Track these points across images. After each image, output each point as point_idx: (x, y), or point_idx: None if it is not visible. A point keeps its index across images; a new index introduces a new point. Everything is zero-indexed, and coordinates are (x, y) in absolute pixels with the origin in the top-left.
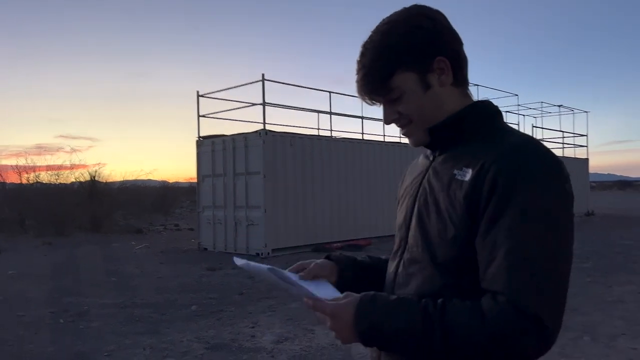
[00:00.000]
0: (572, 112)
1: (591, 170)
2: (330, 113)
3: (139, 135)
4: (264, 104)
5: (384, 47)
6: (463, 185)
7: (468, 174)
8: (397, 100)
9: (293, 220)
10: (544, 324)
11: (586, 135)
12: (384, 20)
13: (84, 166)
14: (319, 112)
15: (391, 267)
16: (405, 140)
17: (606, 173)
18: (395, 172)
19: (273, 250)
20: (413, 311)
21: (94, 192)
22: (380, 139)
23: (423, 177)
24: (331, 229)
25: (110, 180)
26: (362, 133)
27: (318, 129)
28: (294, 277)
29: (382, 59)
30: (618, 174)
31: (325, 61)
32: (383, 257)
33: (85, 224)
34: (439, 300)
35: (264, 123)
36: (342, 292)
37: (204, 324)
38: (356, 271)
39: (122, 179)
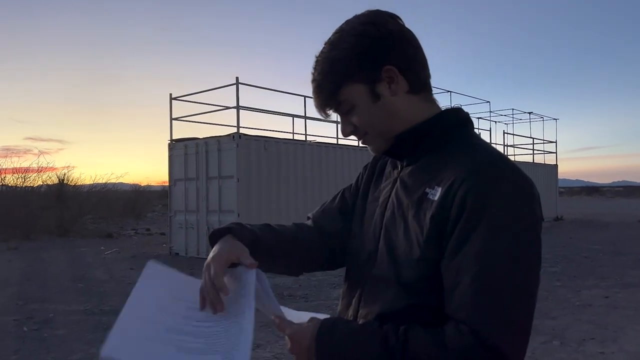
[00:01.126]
0: (542, 119)
1: (560, 176)
2: (305, 117)
3: (110, 138)
4: (237, 107)
5: (331, 59)
6: (432, 205)
7: (437, 194)
8: (350, 113)
9: None
10: (506, 356)
11: (555, 142)
12: (336, 29)
13: (52, 169)
14: (293, 116)
15: (358, 280)
16: None
17: (574, 179)
18: None
19: None
20: (373, 342)
21: (62, 196)
22: (355, 143)
23: (392, 189)
24: None
25: (79, 183)
26: (337, 138)
27: (292, 133)
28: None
29: (329, 72)
30: (586, 180)
31: (298, 66)
32: (290, 225)
33: (53, 228)
34: (401, 329)
35: (238, 126)
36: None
37: None
38: (263, 244)
39: (92, 182)
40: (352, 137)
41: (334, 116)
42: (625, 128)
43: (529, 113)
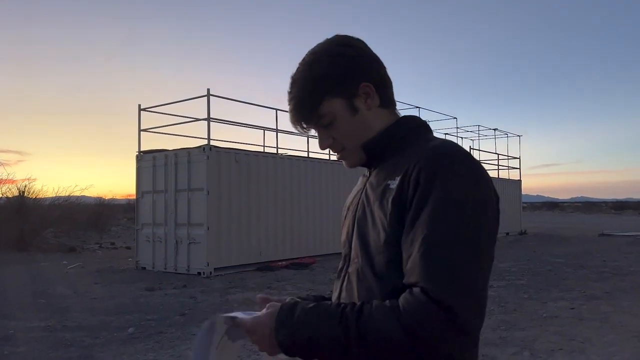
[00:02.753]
0: (506, 135)
1: (523, 191)
2: (277, 130)
3: (75, 150)
4: (208, 119)
5: (311, 77)
6: (393, 191)
7: (396, 181)
8: (329, 126)
9: (237, 238)
10: (457, 315)
11: (519, 158)
12: (309, 51)
13: (12, 181)
14: (264, 128)
15: (337, 287)
16: None
17: (535, 194)
18: (340, 190)
19: (216, 269)
20: (331, 316)
21: (22, 209)
22: (325, 156)
23: (361, 194)
24: (275, 247)
25: (41, 196)
26: (308, 151)
27: (264, 145)
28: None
29: (310, 88)
30: (546, 196)
31: (268, 80)
32: (327, 294)
33: (12, 242)
34: (358, 303)
35: (209, 138)
36: None
37: (142, 347)
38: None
39: (54, 195)
40: (326, 150)
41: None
42: (584, 146)
43: (494, 129)
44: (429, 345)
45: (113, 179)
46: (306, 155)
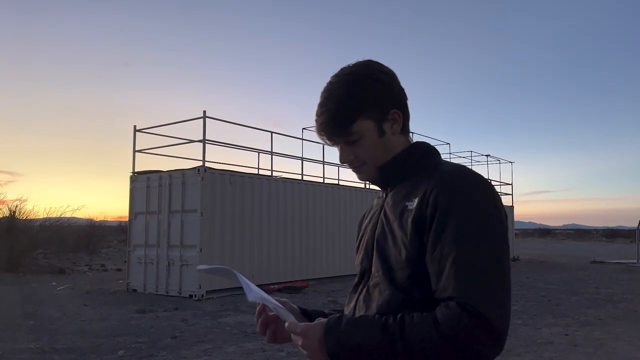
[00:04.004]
0: (498, 161)
1: (515, 218)
2: (272, 153)
3: (68, 171)
4: (204, 140)
5: (349, 95)
6: (412, 212)
7: (415, 202)
8: (354, 143)
9: (229, 260)
10: (492, 323)
11: (511, 184)
12: (344, 69)
13: (2, 202)
14: (259, 151)
15: (352, 298)
16: (343, 182)
17: (527, 221)
18: (334, 214)
19: (208, 292)
20: (375, 326)
21: (12, 229)
22: (320, 180)
23: (380, 214)
24: (268, 271)
25: (32, 216)
26: (302, 174)
27: (258, 168)
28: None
29: (346, 105)
30: (538, 222)
31: (262, 105)
32: (326, 311)
33: (1, 262)
34: (399, 315)
35: (204, 160)
36: None
37: None
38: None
39: (45, 216)
40: (320, 173)
41: (299, 151)
42: (576, 174)
43: (487, 155)
44: (467, 352)
45: (106, 200)
46: (300, 178)
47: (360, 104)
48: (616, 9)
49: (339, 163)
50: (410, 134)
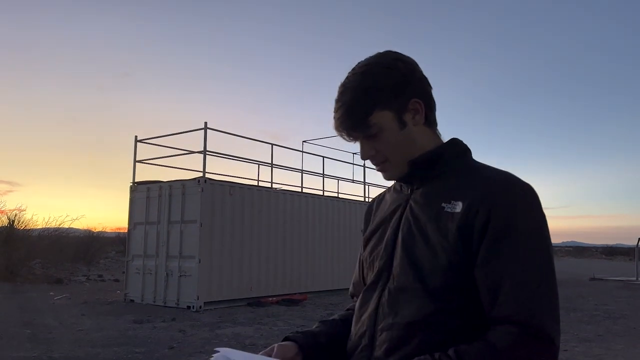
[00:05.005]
0: None
1: None
2: (272, 165)
3: (67, 180)
4: (204, 152)
5: (364, 86)
6: (454, 217)
7: (458, 207)
8: (375, 137)
9: (228, 272)
10: (554, 342)
11: None
12: (360, 62)
13: (1, 211)
14: (260, 163)
15: (370, 298)
16: (343, 195)
17: None
18: (333, 226)
19: (205, 303)
20: None
21: (11, 239)
22: (319, 192)
23: (404, 210)
24: (267, 283)
25: (30, 226)
26: (302, 186)
27: (258, 180)
28: None
29: (362, 97)
30: None
31: (262, 117)
32: (336, 316)
33: None
34: (451, 352)
35: (204, 171)
36: None
37: None
38: (318, 344)
39: (44, 225)
40: (320, 185)
41: (299, 164)
42: (574, 190)
43: None
44: None
45: (105, 210)
46: (300, 190)
47: (377, 95)
48: (604, 21)
49: (363, 160)
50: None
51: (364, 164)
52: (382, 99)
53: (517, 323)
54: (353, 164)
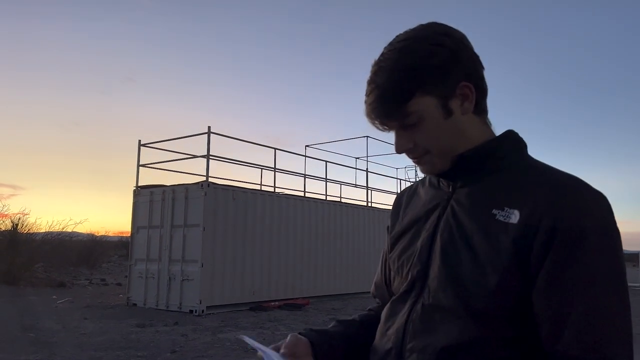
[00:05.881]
0: None
1: None
2: (275, 169)
3: (70, 184)
4: (208, 156)
5: (403, 66)
6: (509, 228)
7: (514, 216)
8: (413, 127)
9: (230, 276)
10: None
11: None
12: (399, 36)
13: (5, 215)
14: (263, 167)
15: (399, 311)
16: (345, 199)
17: None
18: (336, 231)
19: (208, 307)
20: None
21: (14, 242)
22: (322, 197)
23: (443, 210)
24: (269, 287)
25: (34, 230)
26: (304, 191)
27: (261, 184)
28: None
29: (400, 79)
30: None
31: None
32: (355, 317)
33: (1, 275)
34: None
35: (207, 176)
36: None
37: None
38: (332, 345)
39: (47, 230)
40: (322, 190)
41: (302, 167)
42: None
43: None
44: None
45: (108, 213)
46: (303, 195)
47: (418, 76)
48: (606, 20)
49: (397, 153)
50: (488, 116)
51: (367, 169)
52: (424, 82)
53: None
54: (356, 168)
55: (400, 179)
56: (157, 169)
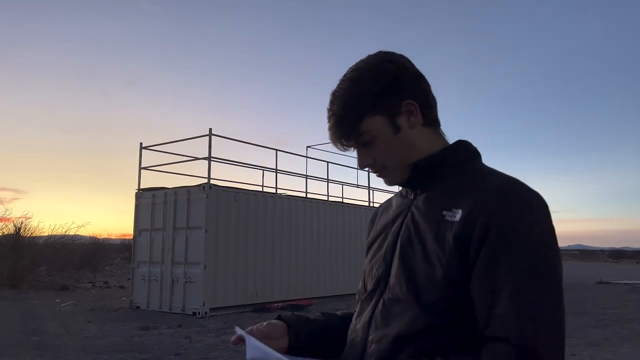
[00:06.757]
0: None
1: None
2: (276, 171)
3: (73, 187)
4: (209, 158)
5: (352, 93)
6: (453, 226)
7: (457, 215)
8: (369, 145)
9: (233, 278)
10: None
11: None
12: (351, 67)
13: (8, 219)
14: (264, 168)
15: (366, 308)
16: (347, 200)
17: None
18: (338, 231)
19: (211, 309)
20: None
21: (17, 246)
22: (324, 197)
23: (405, 216)
24: (272, 288)
25: (36, 233)
26: (306, 192)
27: (262, 185)
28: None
29: (351, 104)
30: None
31: (266, 122)
32: (339, 312)
33: (5, 279)
34: None
35: (209, 177)
36: (296, 354)
37: None
38: (310, 331)
39: (50, 233)
40: (324, 191)
41: (304, 168)
42: (580, 194)
43: None
44: None
45: (110, 217)
46: (304, 196)
47: (365, 101)
48: (619, 21)
49: (360, 168)
50: (440, 126)
51: (369, 169)
52: (371, 105)
53: (511, 344)
54: (357, 168)
55: None
56: (159, 171)
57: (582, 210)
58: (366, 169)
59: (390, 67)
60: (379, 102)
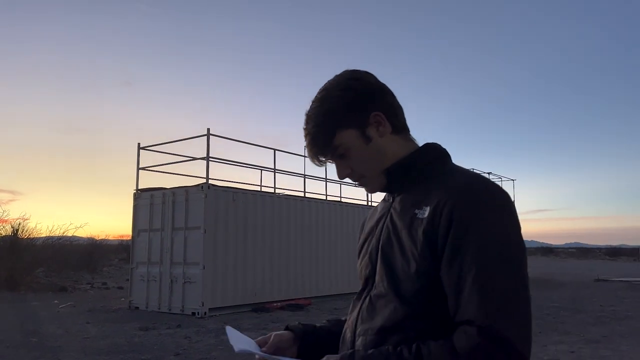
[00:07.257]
0: (500, 179)
1: None
2: (275, 170)
3: (70, 188)
4: (207, 158)
5: (323, 112)
6: (423, 222)
7: (426, 212)
8: (344, 156)
9: (232, 278)
10: (515, 347)
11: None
12: (320, 88)
13: (5, 220)
14: (263, 168)
15: (356, 307)
16: (345, 199)
17: (530, 239)
18: (337, 231)
19: (210, 309)
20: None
21: (14, 247)
22: (322, 197)
23: (385, 218)
24: (271, 288)
25: (34, 235)
26: (304, 191)
27: (261, 185)
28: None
29: (322, 122)
30: (540, 241)
31: (264, 122)
32: (343, 318)
33: (3, 281)
34: (414, 345)
35: (207, 178)
36: None
37: None
38: (317, 338)
39: (48, 234)
40: (323, 190)
41: (302, 168)
42: (578, 192)
43: (488, 173)
44: None
45: (108, 217)
46: (303, 195)
47: (335, 117)
48: (615, 27)
49: (340, 180)
50: (410, 132)
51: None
52: (341, 120)
53: (476, 325)
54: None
55: None
56: (157, 171)
57: (579, 207)
58: (346, 179)
59: (355, 84)
60: (348, 117)
